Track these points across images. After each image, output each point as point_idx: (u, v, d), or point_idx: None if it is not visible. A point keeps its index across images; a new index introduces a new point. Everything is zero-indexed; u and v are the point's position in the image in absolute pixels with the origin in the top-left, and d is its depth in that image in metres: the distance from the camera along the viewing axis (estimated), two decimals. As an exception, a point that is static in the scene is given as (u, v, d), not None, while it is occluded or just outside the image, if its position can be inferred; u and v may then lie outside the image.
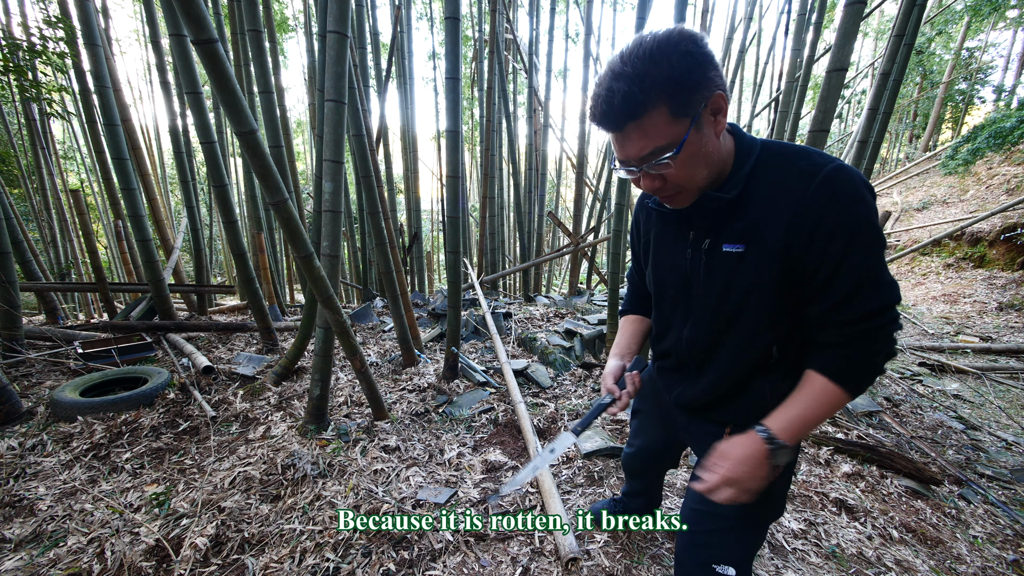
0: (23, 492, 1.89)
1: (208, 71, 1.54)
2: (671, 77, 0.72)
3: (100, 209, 9.87)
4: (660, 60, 0.72)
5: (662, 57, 0.72)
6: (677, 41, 0.72)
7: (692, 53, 0.72)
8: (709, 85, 0.75)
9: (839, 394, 0.81)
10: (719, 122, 0.79)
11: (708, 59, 0.74)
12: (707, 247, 0.88)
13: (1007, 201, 8.28)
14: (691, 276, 0.93)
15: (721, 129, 0.80)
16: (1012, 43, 15.46)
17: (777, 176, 0.81)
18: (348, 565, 1.53)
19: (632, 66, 0.73)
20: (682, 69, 0.72)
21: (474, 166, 12.18)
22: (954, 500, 2.39)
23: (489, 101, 5.90)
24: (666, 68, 0.72)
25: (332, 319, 2.17)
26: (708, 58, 0.74)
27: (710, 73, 0.74)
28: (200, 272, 5.05)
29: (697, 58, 0.73)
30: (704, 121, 0.77)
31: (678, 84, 0.73)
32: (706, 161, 0.81)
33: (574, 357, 3.55)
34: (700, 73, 0.74)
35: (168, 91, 4.65)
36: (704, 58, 0.74)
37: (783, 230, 0.79)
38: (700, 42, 0.73)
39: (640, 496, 1.61)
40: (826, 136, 2.33)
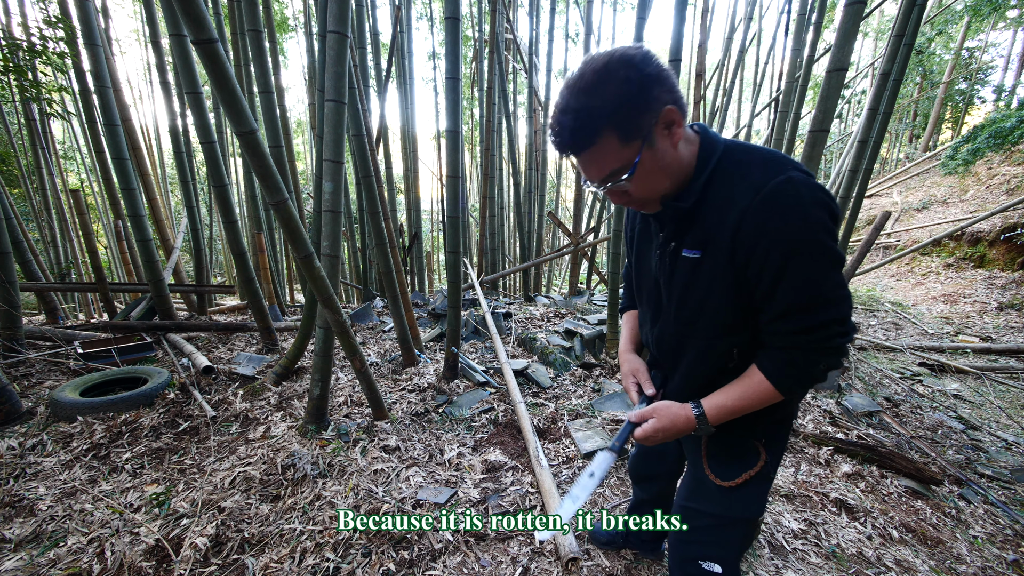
0: (23, 492, 1.89)
1: (208, 71, 1.54)
2: (614, 107, 0.74)
3: (100, 209, 9.87)
4: (602, 92, 0.74)
5: (603, 88, 0.74)
6: (615, 69, 0.73)
7: (631, 79, 0.73)
8: (655, 104, 0.76)
9: (771, 393, 0.84)
10: (675, 133, 0.80)
11: (651, 79, 0.75)
12: (671, 250, 0.90)
13: (1007, 201, 8.28)
14: (659, 276, 0.96)
15: (678, 139, 0.81)
16: (1012, 43, 15.47)
17: (730, 186, 0.81)
18: (348, 565, 1.53)
19: (576, 99, 0.75)
20: (623, 97, 0.74)
21: (474, 166, 12.18)
22: (954, 500, 2.39)
23: (489, 101, 5.90)
24: (608, 99, 0.74)
25: (332, 319, 2.17)
26: (651, 78, 0.75)
27: (655, 92, 0.75)
28: (200, 272, 5.05)
29: (638, 83, 0.74)
30: (657, 137, 0.78)
31: (622, 112, 0.75)
32: (666, 173, 0.83)
33: (574, 357, 3.55)
34: (643, 96, 0.75)
35: (168, 91, 4.65)
36: (646, 79, 0.74)
37: (730, 241, 0.80)
38: (640, 64, 0.74)
39: (649, 505, 1.50)
40: (826, 136, 2.33)
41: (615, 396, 2.86)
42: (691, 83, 6.92)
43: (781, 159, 0.80)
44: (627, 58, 0.74)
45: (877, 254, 10.08)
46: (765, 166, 0.79)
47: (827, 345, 0.80)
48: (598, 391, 3.02)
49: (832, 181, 6.75)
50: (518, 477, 2.05)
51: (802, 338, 0.80)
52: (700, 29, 5.47)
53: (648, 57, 0.75)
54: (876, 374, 4.43)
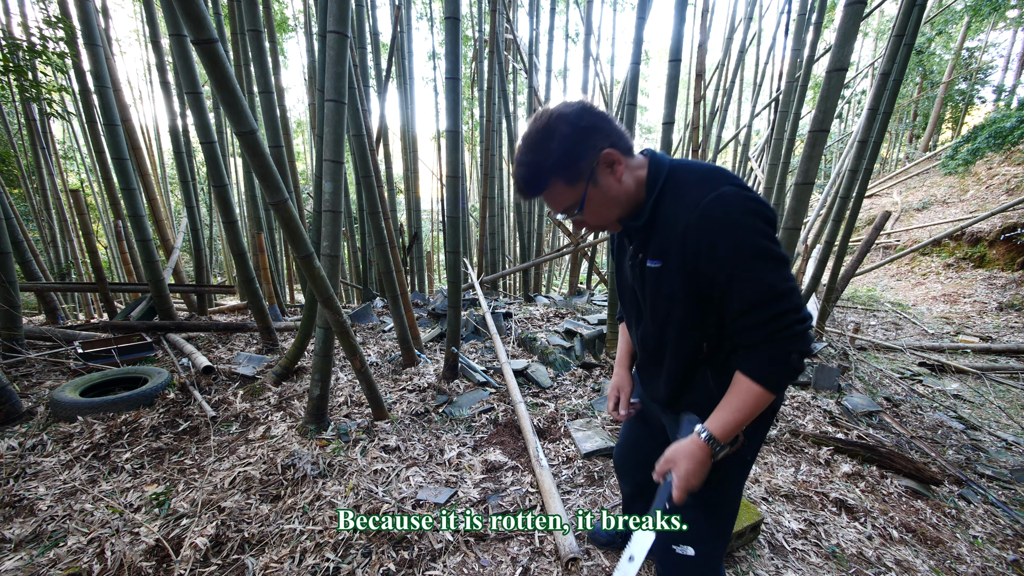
0: (23, 492, 1.89)
1: (208, 71, 1.54)
2: (556, 161, 0.88)
3: (100, 209, 9.87)
4: (545, 147, 0.89)
5: (545, 146, 0.88)
6: (554, 127, 0.88)
7: (567, 136, 0.87)
8: (592, 151, 0.89)
9: (761, 393, 0.88)
10: (616, 170, 0.92)
11: (586, 130, 0.88)
12: (639, 261, 1.00)
13: (1007, 201, 8.28)
14: (635, 285, 1.06)
15: (621, 174, 0.92)
16: (1012, 43, 15.47)
17: (675, 204, 0.91)
18: (348, 565, 1.53)
19: (526, 155, 0.91)
20: (562, 151, 0.88)
21: (474, 166, 12.18)
22: (954, 500, 2.39)
23: (489, 101, 5.90)
24: (550, 154, 0.88)
25: (332, 319, 2.17)
26: (586, 130, 0.88)
27: (591, 140, 0.89)
28: (200, 272, 5.05)
29: (573, 136, 0.88)
30: (600, 175, 0.91)
31: (563, 163, 0.89)
32: (614, 203, 0.95)
33: (574, 357, 3.55)
34: (580, 146, 0.88)
35: (168, 91, 4.65)
36: (581, 132, 0.88)
37: (679, 253, 0.90)
38: (575, 119, 0.88)
39: (639, 499, 1.50)
40: (826, 136, 2.33)
41: (615, 396, 2.85)
42: (691, 83, 6.92)
43: (716, 175, 0.89)
44: (563, 116, 0.88)
45: (877, 254, 10.08)
46: (702, 184, 0.88)
47: (789, 333, 0.85)
48: (598, 391, 3.02)
49: (832, 181, 6.76)
50: (518, 477, 2.05)
51: (765, 330, 0.86)
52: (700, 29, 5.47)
53: (582, 112, 0.89)
54: (876, 374, 4.43)
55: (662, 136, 3.33)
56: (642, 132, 22.04)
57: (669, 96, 3.21)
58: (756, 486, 2.15)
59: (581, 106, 0.90)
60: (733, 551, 1.67)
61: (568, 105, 0.90)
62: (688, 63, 9.19)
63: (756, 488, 2.13)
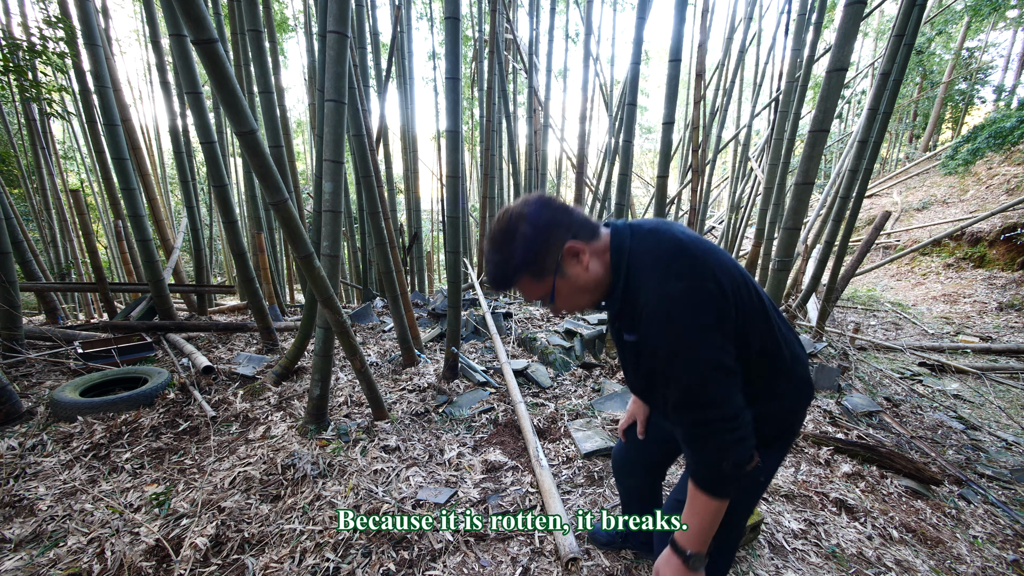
0: (23, 492, 1.89)
1: (208, 71, 1.54)
2: (521, 260, 0.91)
3: (100, 209, 9.87)
4: (509, 247, 0.91)
5: (509, 245, 0.91)
6: (515, 227, 0.90)
7: (528, 235, 0.90)
8: (554, 246, 0.91)
9: (707, 500, 0.90)
10: (582, 260, 0.93)
11: (547, 226, 0.91)
12: (617, 330, 1.04)
13: (1007, 201, 8.28)
14: (619, 350, 1.11)
15: (587, 262, 0.94)
16: (1012, 43, 15.46)
17: (635, 291, 0.92)
18: (348, 565, 1.53)
19: (492, 253, 0.94)
20: (525, 249, 0.90)
21: (474, 166, 12.17)
22: (954, 500, 2.39)
23: (489, 101, 5.90)
24: (515, 252, 0.91)
25: (332, 319, 2.17)
26: (547, 226, 0.91)
27: (553, 235, 0.91)
28: (200, 272, 5.05)
29: (535, 235, 0.90)
30: (567, 267, 0.93)
31: (528, 261, 0.91)
32: (584, 290, 0.97)
33: (574, 357, 3.55)
34: (542, 242, 0.91)
35: (168, 91, 4.65)
36: (542, 230, 0.90)
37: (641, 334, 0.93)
38: (534, 218, 0.90)
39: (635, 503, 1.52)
40: (826, 136, 2.33)
41: (615, 396, 2.86)
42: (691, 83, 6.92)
43: (668, 263, 0.90)
44: (523, 216, 0.91)
45: (877, 254, 10.08)
46: (654, 274, 0.90)
47: (714, 442, 0.87)
48: (598, 391, 3.02)
49: (832, 181, 6.76)
50: (518, 477, 2.05)
51: (691, 432, 0.89)
52: (700, 29, 5.47)
53: (541, 208, 0.91)
54: (876, 374, 4.43)
55: (662, 136, 3.33)
56: (642, 132, 22.04)
57: (669, 96, 3.21)
58: (756, 486, 2.14)
59: (538, 202, 0.92)
60: (733, 551, 1.67)
61: (527, 204, 0.92)
62: (688, 63, 9.18)
63: (756, 488, 2.13)
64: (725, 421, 0.86)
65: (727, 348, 0.87)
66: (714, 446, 0.87)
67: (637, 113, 3.42)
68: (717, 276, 0.88)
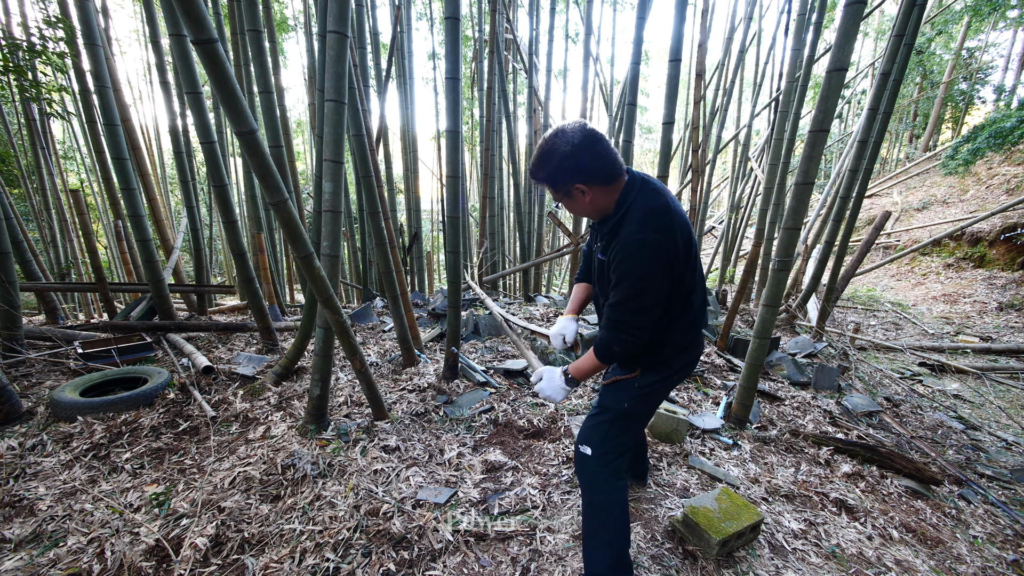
0: (23, 492, 1.89)
1: (208, 71, 1.54)
2: (545, 176, 1.31)
3: (100, 209, 9.86)
4: (542, 165, 1.29)
5: (545, 163, 1.29)
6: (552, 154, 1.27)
7: (555, 166, 1.27)
8: (568, 182, 1.29)
9: (595, 360, 1.40)
10: (587, 195, 1.30)
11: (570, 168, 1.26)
12: (595, 251, 1.45)
13: (1007, 201, 8.28)
14: (593, 266, 1.50)
15: (590, 197, 1.31)
16: (1012, 43, 15.45)
17: (623, 228, 1.28)
18: (348, 565, 1.53)
19: (535, 160, 1.32)
20: (549, 173, 1.30)
21: (474, 166, 12.17)
22: (954, 500, 2.39)
23: (489, 101, 5.90)
24: (542, 171, 1.30)
25: (332, 319, 2.17)
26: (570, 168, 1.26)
27: (570, 175, 1.27)
28: (200, 272, 5.05)
29: (559, 168, 1.27)
30: (573, 194, 1.31)
31: (549, 180, 1.31)
32: (583, 211, 1.37)
33: (574, 357, 3.55)
34: (561, 177, 1.28)
35: (168, 91, 4.65)
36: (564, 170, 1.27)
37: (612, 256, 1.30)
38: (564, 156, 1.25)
39: None
40: (826, 136, 2.33)
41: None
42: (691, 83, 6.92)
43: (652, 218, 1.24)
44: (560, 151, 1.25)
45: (877, 254, 10.08)
46: (640, 223, 1.24)
47: (616, 335, 1.32)
48: (598, 391, 3.02)
49: (832, 181, 6.75)
50: (518, 477, 2.05)
51: (608, 323, 1.33)
52: (700, 29, 5.46)
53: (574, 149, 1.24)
54: (876, 374, 4.43)
55: (662, 136, 3.33)
56: (642, 132, 22.03)
57: (669, 96, 3.21)
58: (756, 486, 2.15)
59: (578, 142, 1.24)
60: (733, 551, 1.67)
61: (568, 141, 1.24)
62: (688, 63, 9.18)
63: (756, 488, 2.13)
64: (633, 328, 1.29)
65: (662, 288, 1.26)
66: (616, 336, 1.31)
67: (637, 113, 3.42)
68: (678, 233, 1.25)
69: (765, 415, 2.94)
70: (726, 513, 1.69)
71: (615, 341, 1.31)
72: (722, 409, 2.89)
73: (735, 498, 1.78)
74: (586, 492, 1.46)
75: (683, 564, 1.62)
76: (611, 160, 1.27)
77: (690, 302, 1.38)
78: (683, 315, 1.38)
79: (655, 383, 1.44)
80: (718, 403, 3.02)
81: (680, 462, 2.27)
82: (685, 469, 2.21)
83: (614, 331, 1.31)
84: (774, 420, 2.90)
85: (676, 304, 1.35)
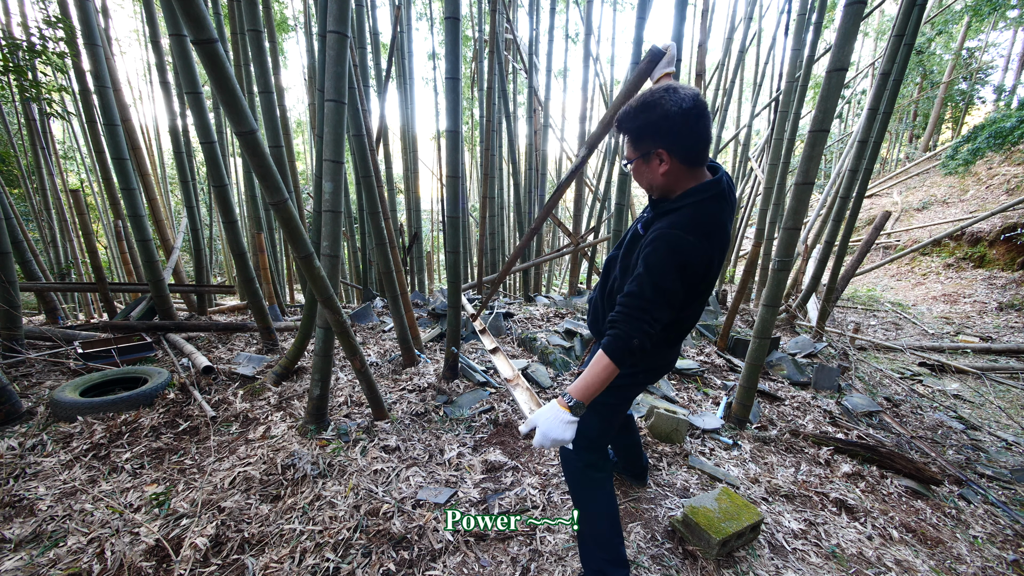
0: (23, 492, 1.89)
1: (208, 71, 1.54)
2: (637, 128, 1.21)
3: (100, 209, 9.86)
4: (636, 115, 1.20)
5: (640, 114, 1.19)
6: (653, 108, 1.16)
7: (650, 121, 1.18)
8: (653, 143, 1.20)
9: (608, 364, 1.17)
10: (662, 165, 1.21)
11: (664, 130, 1.17)
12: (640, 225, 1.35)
13: (1007, 201, 8.28)
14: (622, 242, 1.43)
15: (663, 170, 1.22)
16: (1012, 43, 15.45)
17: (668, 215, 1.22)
18: (348, 565, 1.53)
19: (631, 106, 1.21)
20: (639, 128, 1.21)
21: (474, 166, 12.17)
22: (954, 500, 2.39)
23: (489, 101, 5.90)
24: (634, 121, 1.21)
25: (332, 319, 2.17)
26: (664, 130, 1.17)
27: (660, 136, 1.18)
28: (200, 272, 5.05)
29: (652, 126, 1.18)
30: (651, 158, 1.22)
31: (639, 132, 1.22)
32: (646, 181, 1.28)
33: (574, 357, 3.55)
34: (652, 132, 1.19)
35: (168, 91, 4.65)
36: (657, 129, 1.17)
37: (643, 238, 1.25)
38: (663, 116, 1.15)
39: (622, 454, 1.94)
40: (826, 136, 2.33)
41: (615, 396, 2.85)
42: (691, 83, 6.91)
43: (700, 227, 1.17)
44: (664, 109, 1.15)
45: (877, 254, 10.08)
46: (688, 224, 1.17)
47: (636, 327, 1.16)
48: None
49: (832, 181, 6.75)
50: (518, 477, 2.05)
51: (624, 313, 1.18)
52: (700, 29, 5.46)
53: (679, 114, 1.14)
54: (876, 374, 4.43)
55: (662, 136, 3.32)
56: (642, 132, 21.97)
57: (669, 96, 3.19)
58: (756, 486, 2.15)
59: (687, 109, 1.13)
60: (733, 551, 1.67)
61: (678, 102, 1.13)
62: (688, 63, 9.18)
63: (756, 488, 2.13)
64: (652, 320, 1.16)
65: (680, 290, 1.17)
66: (634, 327, 1.16)
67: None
68: (712, 251, 1.19)
69: (765, 415, 2.94)
70: (726, 513, 1.69)
71: (635, 332, 1.15)
72: (722, 409, 2.89)
73: (735, 498, 1.78)
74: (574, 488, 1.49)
75: (683, 564, 1.62)
76: (706, 142, 1.20)
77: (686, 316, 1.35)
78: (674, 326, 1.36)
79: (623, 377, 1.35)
80: (718, 403, 3.01)
81: (680, 462, 2.27)
82: (685, 469, 2.21)
83: (635, 320, 1.15)
84: (774, 420, 2.90)
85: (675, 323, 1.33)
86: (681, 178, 1.23)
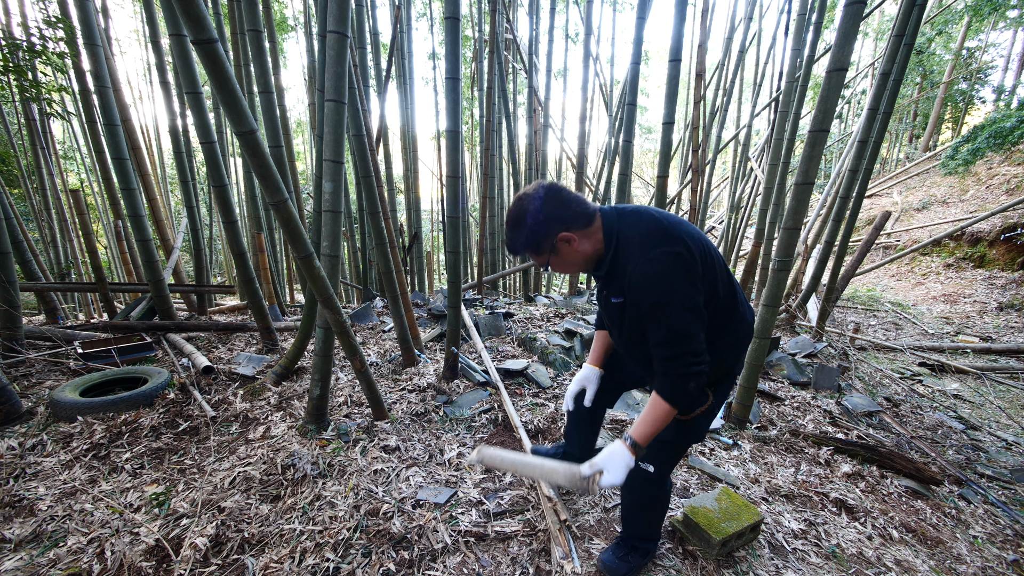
0: (23, 492, 1.89)
1: (208, 71, 1.54)
2: (523, 241, 1.25)
3: (100, 209, 9.86)
4: (517, 231, 1.24)
5: (518, 228, 1.23)
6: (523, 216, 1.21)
7: (530, 225, 1.21)
8: (551, 235, 1.22)
9: (668, 408, 1.19)
10: (572, 245, 1.23)
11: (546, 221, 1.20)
12: (605, 296, 1.33)
13: (1007, 201, 8.28)
14: (606, 311, 1.37)
15: (576, 246, 1.23)
16: (1012, 43, 15.45)
17: (626, 257, 1.21)
18: (348, 565, 1.53)
19: (508, 231, 1.27)
20: (527, 235, 1.23)
21: (474, 166, 12.17)
22: (954, 500, 2.39)
23: (489, 101, 5.90)
24: (520, 236, 1.24)
25: (332, 319, 2.17)
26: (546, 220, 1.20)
27: (550, 227, 1.21)
28: (200, 272, 5.05)
29: (536, 226, 1.21)
30: (559, 248, 1.24)
31: (530, 242, 1.25)
32: (575, 263, 1.28)
33: (574, 357, 3.55)
34: (543, 232, 1.22)
35: (168, 91, 4.65)
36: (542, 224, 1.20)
37: (628, 294, 1.21)
38: (536, 213, 1.19)
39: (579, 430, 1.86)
40: (826, 136, 2.33)
41: (615, 396, 2.85)
42: (691, 83, 6.92)
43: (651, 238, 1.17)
44: (529, 209, 1.20)
45: (877, 254, 10.08)
46: (642, 244, 1.17)
47: (685, 372, 1.15)
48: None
49: (832, 181, 6.75)
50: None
51: (667, 363, 1.16)
52: (700, 29, 5.46)
53: (544, 202, 1.19)
54: (876, 374, 4.43)
55: (662, 136, 3.33)
56: (642, 132, 22.01)
57: (669, 96, 3.21)
58: (756, 486, 2.15)
59: (544, 196, 1.19)
60: (733, 551, 1.67)
61: (536, 197, 1.20)
62: (688, 63, 9.17)
63: (756, 488, 2.13)
64: (694, 355, 1.14)
65: (697, 296, 1.15)
66: (685, 372, 1.15)
67: (637, 113, 3.42)
68: (686, 242, 1.16)
69: (765, 415, 2.94)
70: (726, 513, 1.69)
71: (689, 377, 1.15)
72: (722, 409, 2.89)
73: (735, 498, 1.78)
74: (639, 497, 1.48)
75: (683, 564, 1.62)
76: (580, 201, 1.23)
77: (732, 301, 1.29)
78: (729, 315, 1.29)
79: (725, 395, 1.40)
80: (718, 403, 3.01)
81: (680, 462, 2.27)
82: (685, 469, 2.21)
83: (682, 368, 1.14)
84: (774, 420, 2.90)
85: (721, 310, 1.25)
86: (594, 236, 1.25)
